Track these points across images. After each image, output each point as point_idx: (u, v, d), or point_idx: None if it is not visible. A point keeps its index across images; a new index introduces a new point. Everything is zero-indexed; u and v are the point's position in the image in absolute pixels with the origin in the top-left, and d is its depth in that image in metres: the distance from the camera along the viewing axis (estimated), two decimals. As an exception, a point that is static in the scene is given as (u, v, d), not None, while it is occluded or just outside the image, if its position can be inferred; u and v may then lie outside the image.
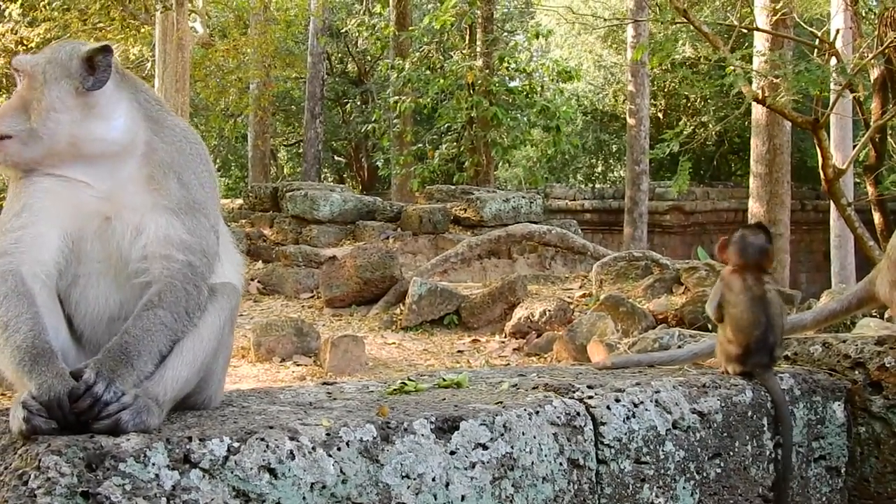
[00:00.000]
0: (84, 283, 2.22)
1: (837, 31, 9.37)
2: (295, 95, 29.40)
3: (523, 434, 2.39)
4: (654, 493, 2.62)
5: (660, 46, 13.00)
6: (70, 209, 2.21)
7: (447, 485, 2.24)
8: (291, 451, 2.04)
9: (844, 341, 3.23)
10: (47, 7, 16.53)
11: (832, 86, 9.16)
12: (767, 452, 2.91)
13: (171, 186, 2.26)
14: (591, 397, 2.63)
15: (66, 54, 2.27)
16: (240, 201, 18.42)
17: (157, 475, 1.87)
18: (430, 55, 18.97)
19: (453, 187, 16.40)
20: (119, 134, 2.26)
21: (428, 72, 18.65)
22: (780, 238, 13.76)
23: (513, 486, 2.36)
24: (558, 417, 2.50)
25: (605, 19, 16.78)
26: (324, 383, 2.90)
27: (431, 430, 2.26)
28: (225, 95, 22.57)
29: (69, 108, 2.22)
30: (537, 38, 18.87)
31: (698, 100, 24.47)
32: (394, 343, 9.64)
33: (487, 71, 18.33)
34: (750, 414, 2.88)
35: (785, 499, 2.87)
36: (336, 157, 33.20)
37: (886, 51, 8.56)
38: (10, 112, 2.23)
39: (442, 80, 18.05)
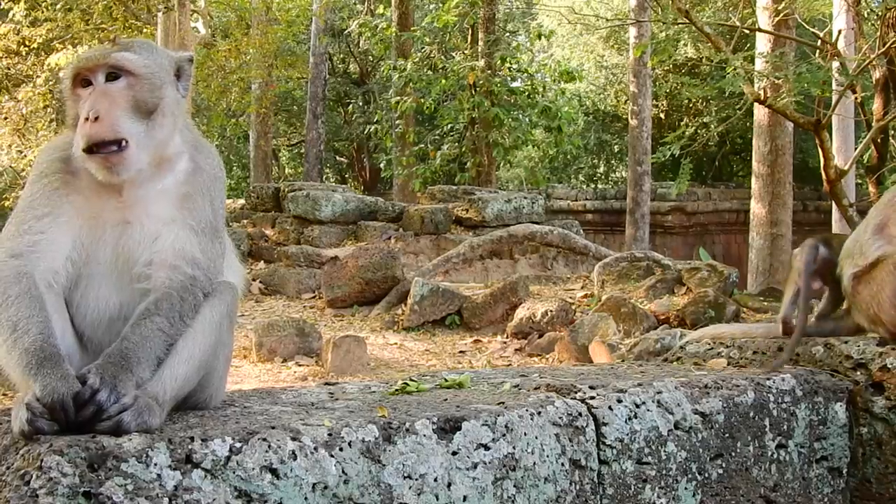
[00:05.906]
0: (86, 285, 2.21)
1: (839, 32, 9.37)
2: (297, 96, 29.41)
3: (525, 434, 2.39)
4: (655, 494, 2.62)
5: (661, 47, 12.98)
6: (90, 220, 2.19)
7: (449, 485, 2.24)
8: (293, 452, 2.04)
9: (846, 342, 3.23)
10: (50, 7, 16.55)
11: (834, 86, 9.15)
12: (769, 453, 2.90)
13: (203, 209, 2.25)
14: (592, 398, 2.63)
15: (166, 59, 2.21)
16: (241, 201, 18.40)
17: (159, 475, 1.87)
18: (432, 55, 18.97)
19: (455, 188, 16.38)
20: (175, 148, 2.25)
21: (430, 72, 18.65)
22: (781, 239, 13.77)
23: (514, 486, 2.35)
24: (560, 418, 2.50)
25: (606, 20, 16.78)
26: (325, 384, 2.90)
27: (433, 430, 2.25)
28: (227, 95, 22.58)
29: (175, 115, 2.19)
30: (539, 38, 18.88)
31: (700, 101, 24.44)
32: (395, 343, 9.63)
33: (489, 71, 18.32)
34: (752, 415, 2.87)
35: None
36: (338, 158, 33.19)
37: (888, 51, 8.54)
38: (126, 114, 2.09)
39: (444, 81, 18.05)
